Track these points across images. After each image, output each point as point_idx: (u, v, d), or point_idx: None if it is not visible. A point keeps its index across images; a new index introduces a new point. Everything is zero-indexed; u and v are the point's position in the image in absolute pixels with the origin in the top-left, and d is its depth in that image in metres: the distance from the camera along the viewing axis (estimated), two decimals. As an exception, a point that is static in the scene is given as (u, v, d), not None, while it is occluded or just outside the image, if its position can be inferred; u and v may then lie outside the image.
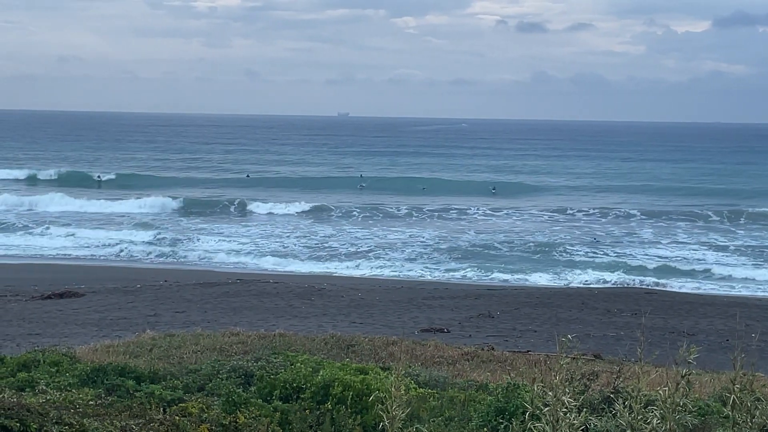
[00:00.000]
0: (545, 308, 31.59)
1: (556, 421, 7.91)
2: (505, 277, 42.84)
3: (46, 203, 69.43)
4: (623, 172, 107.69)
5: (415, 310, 30.86)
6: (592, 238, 57.46)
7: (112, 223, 60.06)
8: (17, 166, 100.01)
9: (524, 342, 25.62)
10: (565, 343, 8.69)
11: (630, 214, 67.12)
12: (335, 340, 21.80)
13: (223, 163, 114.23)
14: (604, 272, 44.10)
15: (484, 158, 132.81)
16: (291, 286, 35.35)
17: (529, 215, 68.51)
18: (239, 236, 55.27)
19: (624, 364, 12.15)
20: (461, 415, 11.09)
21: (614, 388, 10.66)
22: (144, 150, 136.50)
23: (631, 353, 15.13)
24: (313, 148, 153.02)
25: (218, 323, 26.77)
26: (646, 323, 21.39)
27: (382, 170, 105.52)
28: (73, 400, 9.72)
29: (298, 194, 78.52)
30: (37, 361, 14.49)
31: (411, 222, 63.14)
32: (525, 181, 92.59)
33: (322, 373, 12.34)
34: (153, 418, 9.39)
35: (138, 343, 21.05)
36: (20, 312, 29.55)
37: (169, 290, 34.24)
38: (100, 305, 30.97)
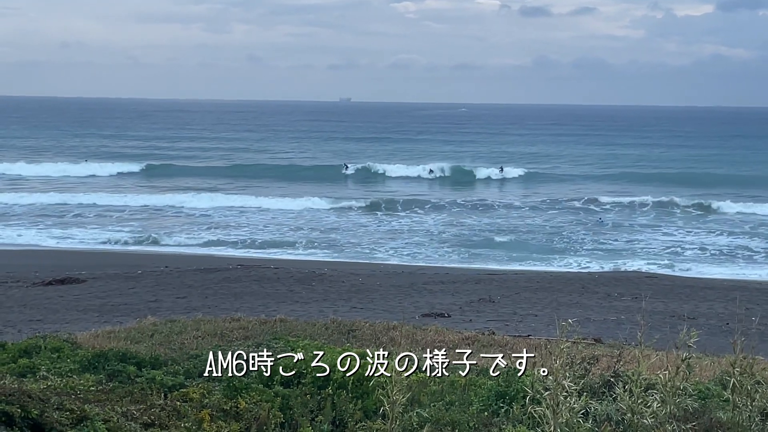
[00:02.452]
0: (545, 293, 31.61)
1: (556, 404, 7.94)
2: (505, 261, 42.86)
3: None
4: (628, 157, 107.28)
5: (416, 295, 30.88)
6: (597, 218, 58.00)
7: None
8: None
9: (525, 326, 25.64)
10: (565, 328, 8.72)
11: (634, 199, 66.79)
12: (336, 325, 21.82)
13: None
14: (605, 256, 44.17)
15: (483, 144, 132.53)
16: (292, 271, 35.37)
17: (531, 200, 68.54)
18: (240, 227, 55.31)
19: (624, 348, 12.19)
20: (462, 400, 11.10)
21: (615, 372, 10.68)
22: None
23: (631, 337, 15.18)
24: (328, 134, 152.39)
25: (219, 309, 26.80)
26: (646, 307, 21.40)
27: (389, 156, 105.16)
28: (74, 386, 9.74)
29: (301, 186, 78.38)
30: (39, 348, 14.51)
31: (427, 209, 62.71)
32: (531, 168, 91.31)
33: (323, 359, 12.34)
34: (154, 404, 9.42)
35: (139, 329, 21.07)
36: (21, 298, 29.58)
37: (170, 276, 34.26)
38: (101, 291, 31.00)
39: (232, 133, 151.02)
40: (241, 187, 75.36)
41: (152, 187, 74.29)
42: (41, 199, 64.02)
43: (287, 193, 69.86)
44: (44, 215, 57.56)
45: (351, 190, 76.54)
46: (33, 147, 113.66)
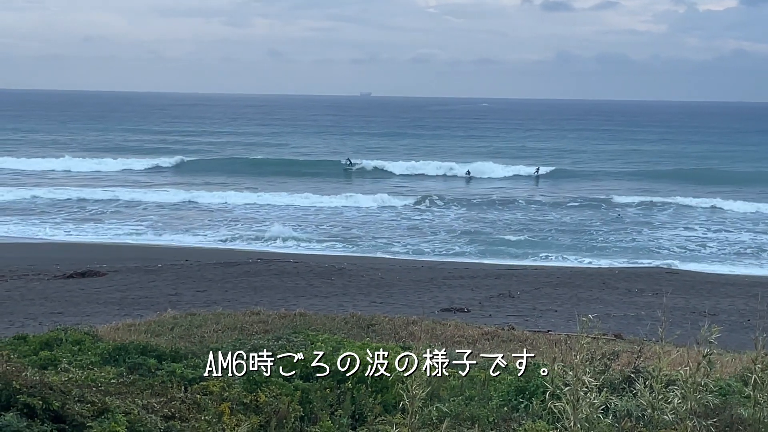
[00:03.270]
0: (565, 288, 31.53)
1: (576, 400, 7.91)
2: (525, 256, 42.79)
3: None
4: (650, 153, 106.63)
5: (435, 289, 30.86)
6: (617, 214, 57.87)
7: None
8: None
9: (544, 322, 25.59)
10: (585, 323, 8.68)
11: (655, 197, 66.22)
12: (355, 319, 21.84)
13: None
14: (626, 252, 44.05)
15: (504, 141, 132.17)
16: (311, 265, 35.40)
17: (553, 196, 68.40)
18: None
19: (645, 343, 12.13)
20: (481, 395, 11.09)
21: (635, 368, 10.64)
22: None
23: (652, 333, 15.10)
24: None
25: (239, 302, 26.87)
26: (667, 303, 21.30)
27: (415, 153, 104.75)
28: (95, 378, 9.77)
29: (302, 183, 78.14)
30: (60, 340, 14.57)
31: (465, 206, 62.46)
32: (553, 164, 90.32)
33: (342, 352, 12.35)
34: (174, 397, 9.44)
35: (159, 322, 21.15)
36: (42, 291, 29.73)
37: (190, 269, 34.36)
38: (121, 284, 31.13)
39: (260, 127, 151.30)
40: (282, 183, 75.21)
41: (188, 184, 74.33)
42: (79, 194, 63.44)
43: (303, 189, 69.83)
44: (80, 210, 57.85)
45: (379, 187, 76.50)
46: (63, 141, 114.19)
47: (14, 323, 24.26)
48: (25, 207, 58.34)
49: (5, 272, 33.37)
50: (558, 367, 8.78)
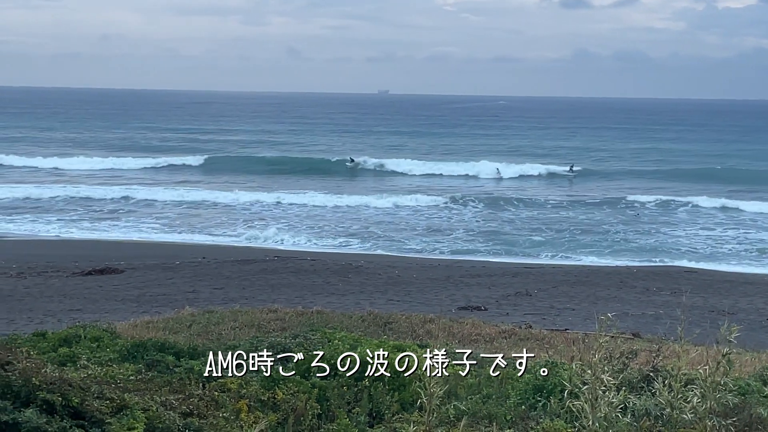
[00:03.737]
0: (583, 286, 31.46)
1: (594, 399, 7.89)
2: (543, 255, 42.73)
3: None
4: (669, 152, 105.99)
5: (452, 288, 30.84)
6: (635, 213, 57.74)
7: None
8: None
9: (562, 320, 25.54)
10: (603, 322, 8.66)
11: (674, 195, 65.80)
12: (372, 317, 21.86)
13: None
14: (644, 251, 43.92)
15: (527, 138, 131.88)
16: (328, 263, 35.43)
17: (571, 195, 68.27)
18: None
19: (663, 342, 12.10)
20: (499, 393, 11.08)
21: (653, 367, 10.61)
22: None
23: (670, 332, 15.03)
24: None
25: (256, 300, 26.91)
26: (685, 302, 21.24)
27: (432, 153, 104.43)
28: (113, 375, 9.81)
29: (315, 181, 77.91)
30: (78, 337, 14.63)
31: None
32: (580, 164, 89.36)
33: (360, 350, 12.36)
34: (192, 394, 9.46)
35: (177, 320, 21.22)
36: (61, 288, 29.86)
37: (208, 267, 34.44)
38: (139, 281, 31.22)
39: (277, 125, 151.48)
40: (298, 181, 75.25)
41: (208, 182, 74.46)
42: (99, 193, 63.30)
43: (321, 188, 69.84)
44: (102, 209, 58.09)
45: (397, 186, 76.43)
46: (81, 139, 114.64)
47: (33, 320, 24.38)
48: (43, 204, 58.61)
49: (24, 269, 33.53)
50: (576, 366, 8.75)
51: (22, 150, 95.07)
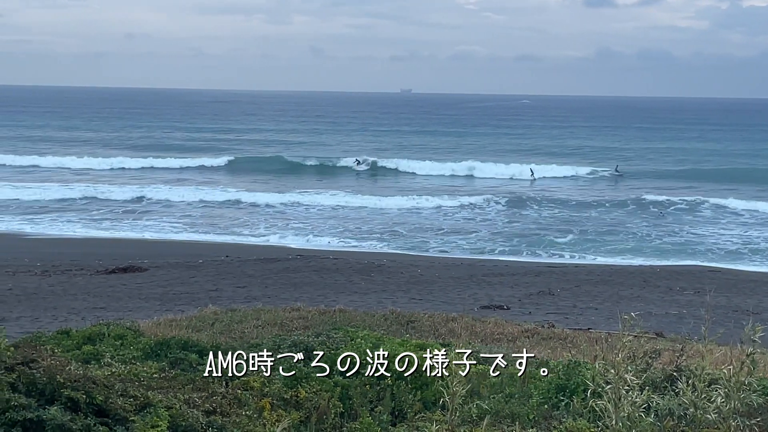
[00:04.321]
0: (606, 286, 31.36)
1: (618, 398, 7.87)
2: (566, 254, 42.62)
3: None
4: (694, 151, 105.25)
5: (475, 286, 30.80)
6: (659, 212, 57.54)
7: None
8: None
9: (585, 320, 25.47)
10: (627, 321, 8.63)
11: (698, 195, 65.23)
12: (395, 316, 21.85)
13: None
14: (667, 250, 43.75)
15: (552, 138, 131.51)
16: (351, 262, 35.46)
17: (594, 194, 68.05)
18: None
19: (687, 342, 12.03)
20: (521, 392, 11.06)
21: (677, 367, 10.55)
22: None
23: (694, 331, 14.97)
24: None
25: (279, 298, 26.96)
26: (709, 301, 21.13)
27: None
28: (137, 373, 9.84)
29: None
30: (102, 335, 14.70)
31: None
32: (605, 164, 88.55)
33: (382, 349, 12.37)
34: (216, 392, 9.49)
35: (200, 318, 21.28)
36: (85, 286, 30.01)
37: (231, 265, 34.54)
38: (162, 280, 31.34)
39: (300, 125, 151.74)
40: (320, 181, 75.32)
41: (231, 183, 74.64)
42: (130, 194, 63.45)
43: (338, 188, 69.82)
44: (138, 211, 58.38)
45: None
46: (108, 139, 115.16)
47: (57, 318, 24.52)
48: (68, 204, 58.97)
49: (49, 267, 33.73)
50: (599, 365, 8.72)
51: (47, 149, 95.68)
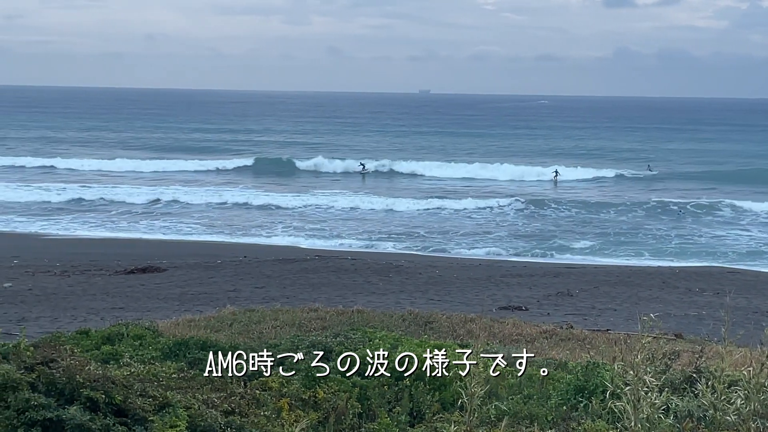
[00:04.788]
0: (625, 287, 31.25)
1: (637, 400, 7.84)
2: (584, 255, 42.52)
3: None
4: (714, 153, 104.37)
5: (493, 287, 30.76)
6: (677, 209, 57.36)
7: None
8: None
9: (603, 321, 25.39)
10: (646, 322, 8.59)
11: (719, 197, 64.65)
12: (413, 316, 21.83)
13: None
14: (687, 251, 43.58)
15: (573, 139, 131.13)
16: (369, 262, 35.46)
17: (614, 196, 67.89)
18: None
19: (706, 343, 11.99)
20: (540, 393, 11.03)
21: (696, 368, 10.51)
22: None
23: (713, 333, 14.91)
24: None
25: (297, 299, 26.99)
26: (728, 303, 21.03)
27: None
28: (156, 373, 9.86)
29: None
30: (121, 335, 14.75)
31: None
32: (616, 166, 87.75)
33: (401, 350, 12.35)
34: (234, 392, 9.51)
35: (218, 318, 21.33)
36: (104, 286, 30.12)
37: (249, 266, 34.59)
38: (181, 280, 31.43)
39: (320, 125, 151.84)
40: (337, 181, 75.38)
41: (251, 185, 74.67)
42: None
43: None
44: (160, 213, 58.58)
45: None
46: (127, 140, 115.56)
47: (77, 318, 24.62)
48: (87, 204, 59.22)
49: (68, 267, 33.88)
50: (618, 367, 8.69)
51: (66, 151, 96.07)
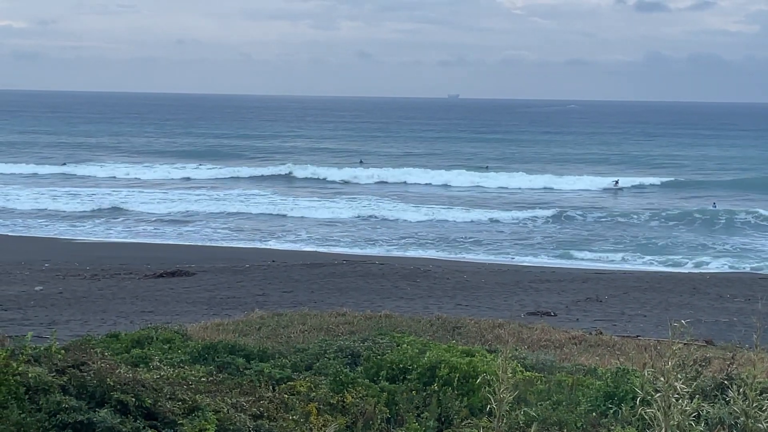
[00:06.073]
0: (655, 293, 31.05)
1: (667, 407, 7.77)
2: (614, 260, 42.35)
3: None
4: (745, 160, 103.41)
5: (521, 293, 30.65)
6: (711, 204, 57.20)
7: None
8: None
9: (633, 327, 25.23)
10: (676, 328, 8.52)
11: (750, 205, 63.87)
12: (441, 321, 21.77)
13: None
14: (719, 257, 43.33)
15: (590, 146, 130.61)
16: (396, 267, 35.43)
17: (642, 203, 67.60)
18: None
19: (738, 350, 11.90)
20: (569, 399, 10.97)
21: (728, 375, 10.42)
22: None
23: (745, 339, 14.78)
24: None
25: (325, 303, 26.99)
26: (760, 309, 20.82)
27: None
28: (185, 376, 9.91)
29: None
30: (151, 338, 14.83)
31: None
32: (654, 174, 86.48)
33: (429, 355, 12.34)
34: (263, 396, 9.52)
35: (247, 322, 21.35)
36: (134, 290, 30.26)
37: (277, 270, 34.65)
38: (209, 284, 31.52)
39: (352, 131, 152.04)
40: (366, 185, 75.50)
41: (279, 192, 74.83)
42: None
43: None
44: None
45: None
46: (159, 146, 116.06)
47: (107, 321, 24.74)
48: (118, 209, 59.57)
49: (98, 271, 34.08)
50: (648, 373, 8.62)
51: (101, 156, 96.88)
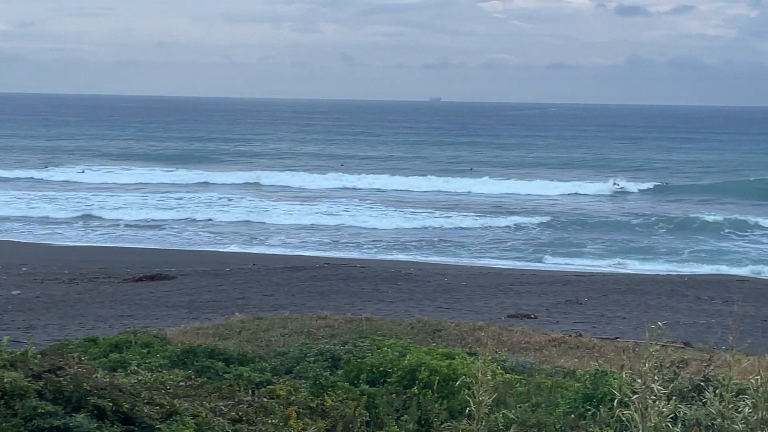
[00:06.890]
0: (634, 295, 31.20)
1: (644, 408, 7.81)
2: (594, 262, 42.52)
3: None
4: (727, 163, 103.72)
5: (502, 295, 30.73)
6: (689, 222, 57.61)
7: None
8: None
9: (612, 329, 25.34)
10: (654, 330, 8.56)
11: (736, 210, 63.89)
12: (422, 324, 21.79)
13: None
14: (696, 259, 43.58)
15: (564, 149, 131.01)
16: (377, 270, 35.46)
17: (622, 206, 67.86)
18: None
19: (715, 352, 11.96)
20: (548, 402, 11.01)
21: (704, 377, 10.48)
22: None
23: (722, 341, 14.87)
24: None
25: (305, 307, 26.98)
26: (737, 311, 20.95)
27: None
28: (163, 381, 9.87)
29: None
30: (129, 342, 14.79)
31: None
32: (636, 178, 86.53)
33: (409, 358, 12.36)
34: (242, 400, 9.50)
35: (227, 326, 21.33)
36: (113, 294, 30.17)
37: (258, 274, 34.60)
38: (189, 288, 31.45)
39: (336, 135, 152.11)
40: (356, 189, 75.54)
41: (262, 196, 74.77)
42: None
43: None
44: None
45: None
46: (140, 150, 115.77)
47: (85, 325, 24.66)
48: (96, 213, 59.37)
49: (76, 275, 33.93)
50: (626, 375, 8.66)
51: (80, 161, 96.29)
